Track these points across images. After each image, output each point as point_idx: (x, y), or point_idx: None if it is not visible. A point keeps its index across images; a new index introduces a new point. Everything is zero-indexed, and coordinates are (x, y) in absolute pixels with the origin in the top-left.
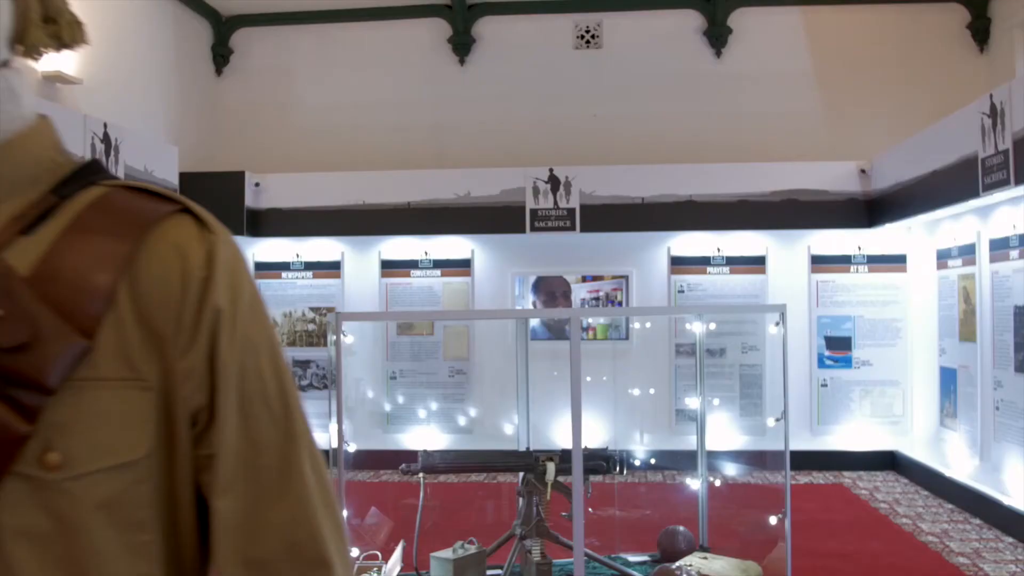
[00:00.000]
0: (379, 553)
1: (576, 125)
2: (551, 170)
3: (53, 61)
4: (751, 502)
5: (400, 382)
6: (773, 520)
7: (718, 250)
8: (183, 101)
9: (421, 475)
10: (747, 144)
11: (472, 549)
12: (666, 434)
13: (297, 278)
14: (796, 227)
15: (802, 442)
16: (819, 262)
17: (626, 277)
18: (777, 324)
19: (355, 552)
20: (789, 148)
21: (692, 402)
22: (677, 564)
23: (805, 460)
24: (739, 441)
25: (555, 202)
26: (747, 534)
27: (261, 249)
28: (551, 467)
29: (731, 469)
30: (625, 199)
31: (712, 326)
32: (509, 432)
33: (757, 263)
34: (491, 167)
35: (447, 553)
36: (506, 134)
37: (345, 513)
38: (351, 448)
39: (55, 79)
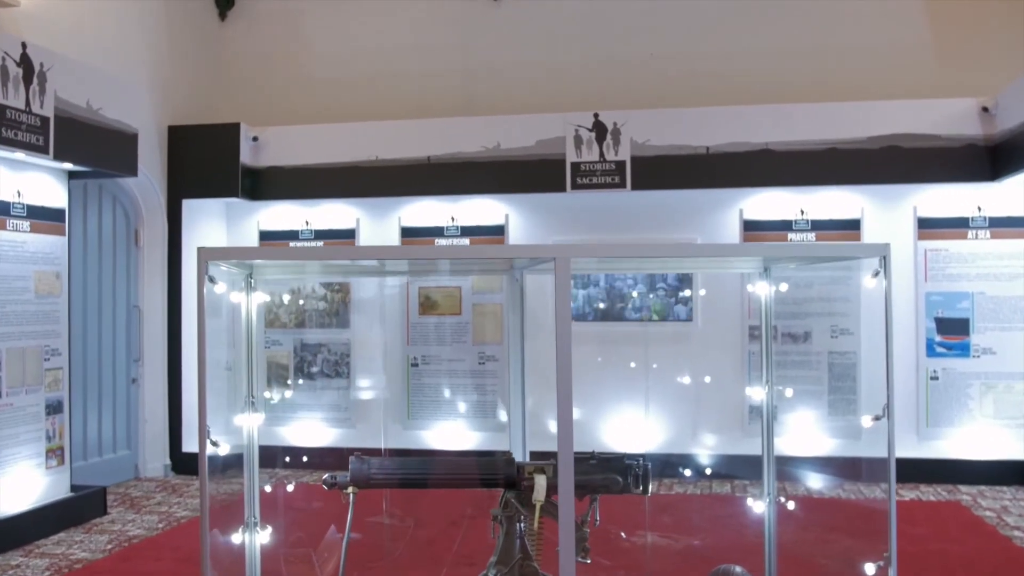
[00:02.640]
0: None
1: (627, 64)
2: (596, 115)
3: None
4: (842, 526)
5: (422, 370)
6: (871, 570)
7: (802, 212)
8: (177, 46)
9: (351, 490)
10: (837, 80)
11: None
12: (737, 435)
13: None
14: (899, 181)
15: (907, 448)
16: (928, 226)
17: (689, 245)
18: (877, 273)
19: None
20: (890, 84)
21: (755, 393)
22: None
23: (911, 470)
24: (827, 446)
25: (601, 154)
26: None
27: (267, 216)
28: (541, 481)
29: (816, 481)
30: (686, 149)
31: (783, 287)
32: (555, 432)
33: (850, 227)
34: (524, 113)
35: None
36: (543, 75)
37: (260, 538)
38: (221, 450)
39: None
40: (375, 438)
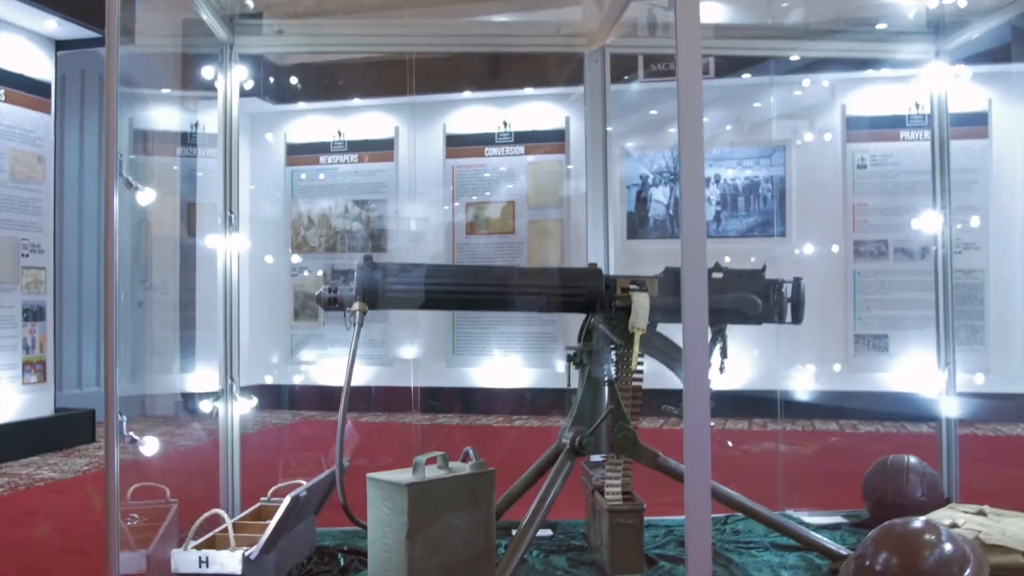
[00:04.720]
0: (304, 483)
1: None
2: None
3: None
4: (1001, 457)
5: None
6: None
7: (917, 106)
8: None
9: (357, 307)
10: None
11: (461, 468)
12: (841, 369)
13: (339, 163)
14: None
15: None
16: None
17: (781, 147)
18: None
19: None
20: None
21: (925, 223)
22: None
23: None
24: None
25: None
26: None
27: (295, 127)
28: (642, 301)
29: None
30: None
31: (966, 72)
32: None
33: (974, 123)
34: None
35: (400, 475)
36: None
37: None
38: (143, 198)
39: None
40: (415, 376)
